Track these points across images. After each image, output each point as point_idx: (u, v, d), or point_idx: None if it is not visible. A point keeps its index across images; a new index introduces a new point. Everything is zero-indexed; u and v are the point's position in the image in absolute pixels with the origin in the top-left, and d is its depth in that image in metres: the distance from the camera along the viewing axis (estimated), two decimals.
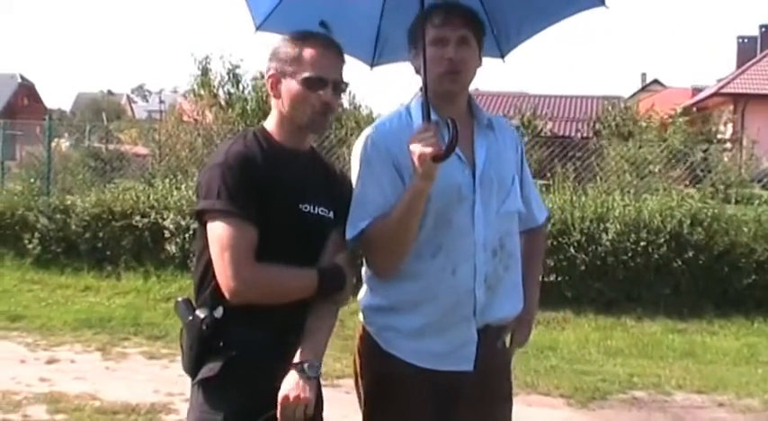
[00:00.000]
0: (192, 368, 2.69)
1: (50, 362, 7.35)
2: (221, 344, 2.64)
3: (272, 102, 2.82)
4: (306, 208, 2.75)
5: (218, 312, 2.61)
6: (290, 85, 2.72)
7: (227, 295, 2.57)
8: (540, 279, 3.32)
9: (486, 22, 2.97)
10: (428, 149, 2.57)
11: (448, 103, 2.88)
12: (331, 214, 2.82)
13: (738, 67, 37.96)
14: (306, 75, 2.70)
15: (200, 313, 2.65)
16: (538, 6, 3.11)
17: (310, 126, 2.77)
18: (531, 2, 3.09)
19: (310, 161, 2.88)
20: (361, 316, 2.98)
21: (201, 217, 2.66)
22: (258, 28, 3.09)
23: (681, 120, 20.20)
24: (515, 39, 3.20)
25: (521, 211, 3.04)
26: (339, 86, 2.77)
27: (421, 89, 2.78)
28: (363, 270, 3.00)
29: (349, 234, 2.82)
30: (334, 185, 2.91)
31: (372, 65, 3.37)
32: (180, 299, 2.74)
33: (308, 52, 2.72)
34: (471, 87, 3.04)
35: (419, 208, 2.71)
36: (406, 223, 2.73)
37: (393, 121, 2.92)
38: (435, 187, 2.67)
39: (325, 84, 2.71)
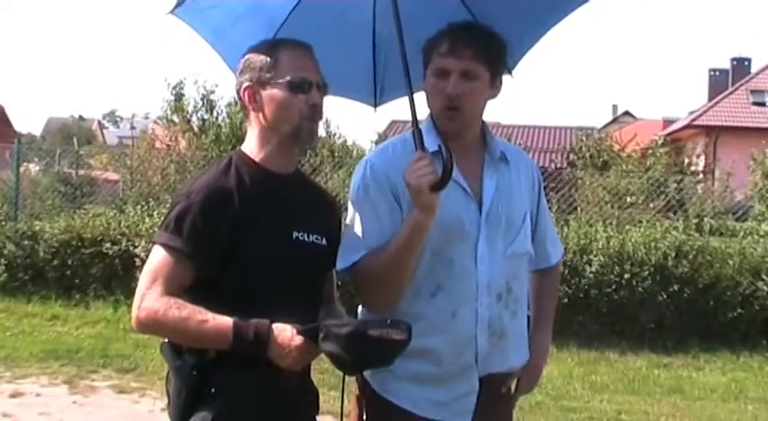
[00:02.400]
0: (180, 416, 2.43)
1: (14, 395, 6.99)
2: (213, 390, 2.39)
3: (250, 118, 2.59)
4: (299, 236, 2.53)
5: (210, 355, 2.34)
6: (272, 93, 2.51)
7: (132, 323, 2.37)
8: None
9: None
10: (424, 179, 2.36)
11: (454, 134, 2.67)
12: (324, 242, 2.60)
13: (710, 99, 38.41)
14: (288, 78, 2.49)
15: (189, 356, 2.39)
16: (533, 15, 2.93)
17: (298, 134, 2.53)
18: (528, 12, 2.90)
19: (298, 184, 2.66)
20: None
21: None
22: None
23: (661, 150, 20.20)
24: (519, 52, 2.99)
25: (530, 254, 2.83)
26: (322, 88, 2.57)
27: (423, 117, 2.58)
28: (359, 308, 2.77)
29: (340, 265, 2.60)
30: (324, 210, 2.71)
31: (376, 105, 3.21)
32: (166, 340, 2.47)
33: (285, 56, 2.53)
34: None
35: (418, 243, 2.47)
36: (402, 259, 2.49)
37: (397, 147, 2.69)
38: (435, 220, 2.44)
39: (310, 85, 2.52)
